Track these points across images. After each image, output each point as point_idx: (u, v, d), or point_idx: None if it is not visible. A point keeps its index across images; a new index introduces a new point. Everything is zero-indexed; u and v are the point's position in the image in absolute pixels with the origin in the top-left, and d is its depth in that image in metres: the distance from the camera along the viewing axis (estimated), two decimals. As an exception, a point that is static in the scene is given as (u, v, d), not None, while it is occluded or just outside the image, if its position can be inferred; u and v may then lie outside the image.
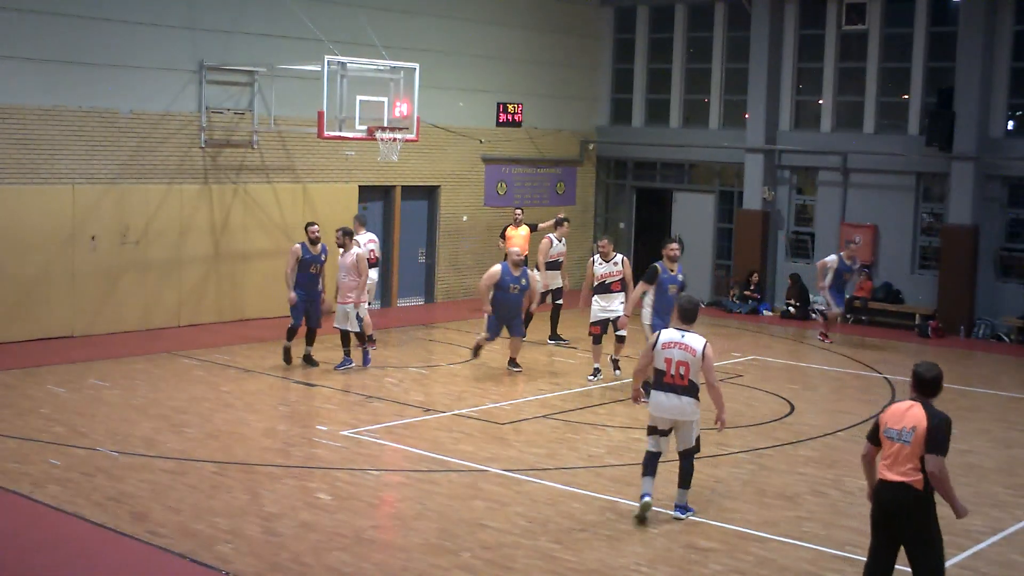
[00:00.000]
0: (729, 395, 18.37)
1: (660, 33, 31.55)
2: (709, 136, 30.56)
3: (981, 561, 11.57)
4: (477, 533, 11.66)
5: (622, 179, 32.28)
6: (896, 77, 28.25)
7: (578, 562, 10.97)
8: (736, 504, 13.06)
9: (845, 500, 13.44)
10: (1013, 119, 26.88)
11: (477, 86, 28.61)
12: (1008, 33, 26.37)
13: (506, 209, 29.40)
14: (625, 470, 14.25)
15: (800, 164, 29.29)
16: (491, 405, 17.38)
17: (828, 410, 18.51)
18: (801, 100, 29.61)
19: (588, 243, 31.92)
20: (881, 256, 28.06)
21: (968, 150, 26.29)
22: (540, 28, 30.31)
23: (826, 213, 28.84)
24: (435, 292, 28.31)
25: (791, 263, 29.30)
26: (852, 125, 28.72)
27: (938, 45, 27.56)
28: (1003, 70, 26.45)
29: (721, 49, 30.53)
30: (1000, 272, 26.54)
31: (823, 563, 11.29)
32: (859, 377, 21.31)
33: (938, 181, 27.34)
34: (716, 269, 30.58)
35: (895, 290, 27.75)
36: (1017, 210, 26.53)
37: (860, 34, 28.46)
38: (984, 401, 19.62)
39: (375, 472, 13.86)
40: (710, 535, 11.94)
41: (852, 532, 12.20)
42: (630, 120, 32.05)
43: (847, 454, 15.52)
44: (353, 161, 25.54)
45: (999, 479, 14.75)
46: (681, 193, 31.26)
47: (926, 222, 27.57)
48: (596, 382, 19.57)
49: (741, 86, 29.99)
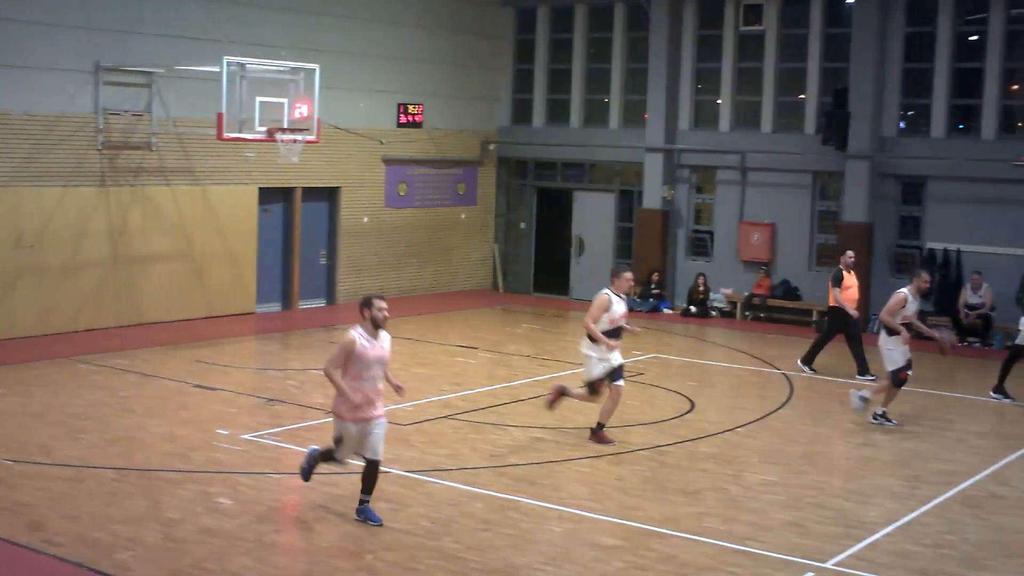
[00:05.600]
0: (630, 393, 18.57)
1: (561, 33, 31.69)
2: (609, 136, 30.76)
3: (876, 552, 11.76)
4: (380, 535, 11.64)
5: (523, 179, 32.36)
6: (793, 77, 28.65)
7: (481, 562, 11.00)
8: (638, 501, 13.16)
9: (745, 495, 13.61)
10: (906, 118, 27.40)
11: (378, 87, 28.53)
12: (900, 34, 26.88)
13: (407, 210, 29.38)
14: (527, 469, 14.32)
15: (699, 163, 29.59)
16: (393, 407, 17.27)
17: (728, 407, 18.74)
18: (700, 100, 29.91)
19: (489, 243, 32.02)
20: (779, 254, 28.43)
21: (863, 149, 26.76)
22: (441, 29, 30.30)
23: (725, 212, 29.17)
24: (336, 294, 28.18)
25: (691, 261, 29.59)
26: (750, 124, 29.08)
27: (833, 46, 28.02)
28: (895, 70, 26.96)
29: (621, 49, 30.74)
30: (894, 268, 27.05)
31: (724, 558, 11.42)
32: (758, 373, 21.58)
33: (834, 179, 27.78)
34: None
35: (793, 287, 28.15)
36: (910, 207, 27.05)
37: (757, 35, 28.83)
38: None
39: (277, 476, 13.79)
40: (613, 532, 12.03)
41: (752, 527, 12.36)
42: (531, 120, 32.16)
43: (746, 450, 15.75)
44: (253, 163, 25.33)
45: (895, 471, 15.02)
46: (581, 192, 31.43)
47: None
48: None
49: (641, 86, 30.22)
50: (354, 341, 11.83)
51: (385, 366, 12.13)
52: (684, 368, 22.16)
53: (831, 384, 20.69)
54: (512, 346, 23.25)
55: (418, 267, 30.17)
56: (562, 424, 16.63)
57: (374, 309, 11.94)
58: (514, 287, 32.00)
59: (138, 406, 17.00)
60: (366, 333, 11.92)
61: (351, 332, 11.93)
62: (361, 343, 11.83)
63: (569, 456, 15.01)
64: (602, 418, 15.61)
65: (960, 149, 26.16)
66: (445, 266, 31.04)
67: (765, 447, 15.96)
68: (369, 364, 11.87)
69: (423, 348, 22.50)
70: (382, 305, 12.03)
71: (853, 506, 13.30)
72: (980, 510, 13.40)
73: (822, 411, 18.45)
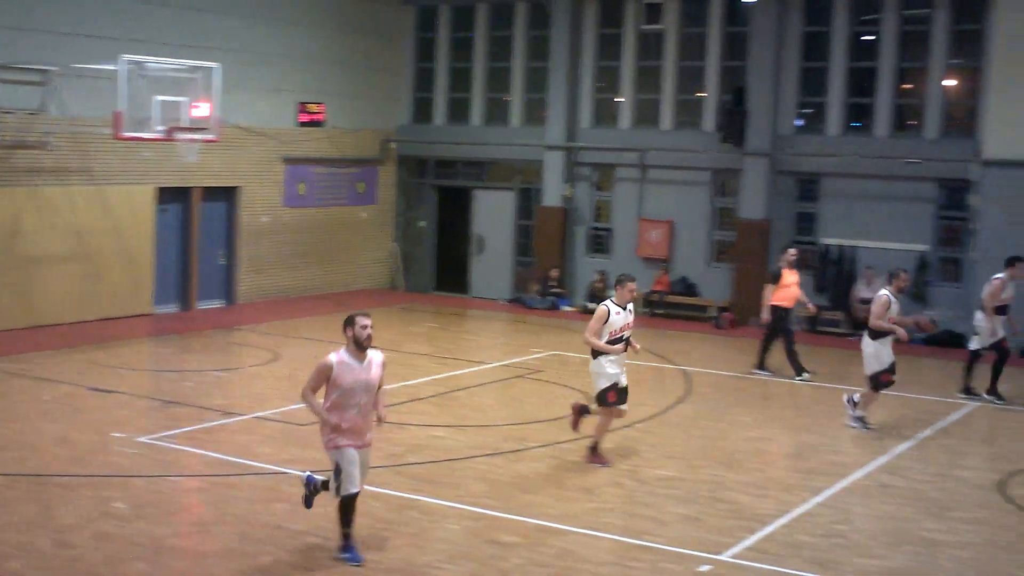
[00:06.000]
0: (529, 391, 18.71)
1: (462, 32, 31.70)
2: (510, 134, 30.83)
3: (770, 543, 11.95)
4: (278, 536, 11.59)
5: (423, 177, 32.33)
6: (692, 75, 28.94)
7: (381, 561, 10.99)
8: (537, 498, 13.24)
9: (642, 490, 13.74)
10: (802, 116, 27.79)
11: (278, 86, 28.35)
12: (797, 34, 27.29)
13: (307, 209, 29.23)
14: (426, 468, 14.33)
15: (599, 161, 29.77)
16: (293, 407, 17.22)
17: (632, 402, 18.83)
18: (600, 98, 30.09)
19: (389, 242, 31.95)
20: (677, 251, 28.71)
21: (760, 146, 27.13)
22: (342, 28, 30.16)
23: (624, 209, 29.38)
24: (236, 294, 27.95)
25: (590, 259, 29.76)
26: (649, 122, 29.32)
27: (732, 45, 28.36)
28: (793, 69, 27.35)
29: (522, 48, 30.84)
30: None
31: (622, 553, 11.53)
32: (657, 369, 21.77)
33: (732, 176, 28.10)
34: (516, 266, 30.87)
35: (691, 283, 28.45)
36: (806, 204, 27.45)
37: (657, 33, 29.06)
38: (776, 388, 20.24)
39: (174, 478, 13.67)
40: (511, 530, 12.08)
41: (649, 521, 12.49)
42: (431, 119, 32.14)
43: (644, 445, 15.90)
44: (151, 162, 25.02)
45: (789, 464, 15.25)
46: (482, 191, 31.48)
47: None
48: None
49: (542, 84, 30.35)
50: (330, 365, 10.80)
51: (376, 391, 11.08)
52: (583, 365, 22.19)
53: (729, 379, 20.96)
54: (412, 345, 23.23)
55: (318, 266, 30.01)
56: (460, 422, 16.67)
57: (356, 327, 10.83)
58: (414, 286, 31.96)
59: (32, 410, 16.72)
60: (349, 355, 10.87)
61: (330, 355, 10.90)
62: (340, 367, 10.79)
63: (468, 454, 15.05)
64: (594, 434, 14.94)
65: (855, 147, 26.61)
66: (345, 265, 30.92)
67: (663, 442, 16.12)
68: (352, 390, 10.81)
69: (323, 348, 22.27)
70: (366, 323, 10.87)
71: (749, 499, 13.49)
72: (870, 499, 13.67)
73: (720, 406, 18.66)
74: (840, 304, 26.47)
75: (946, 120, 26.32)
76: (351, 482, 10.87)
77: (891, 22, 26.45)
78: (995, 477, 14.96)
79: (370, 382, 10.94)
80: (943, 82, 26.25)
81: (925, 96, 26.40)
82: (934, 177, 25.93)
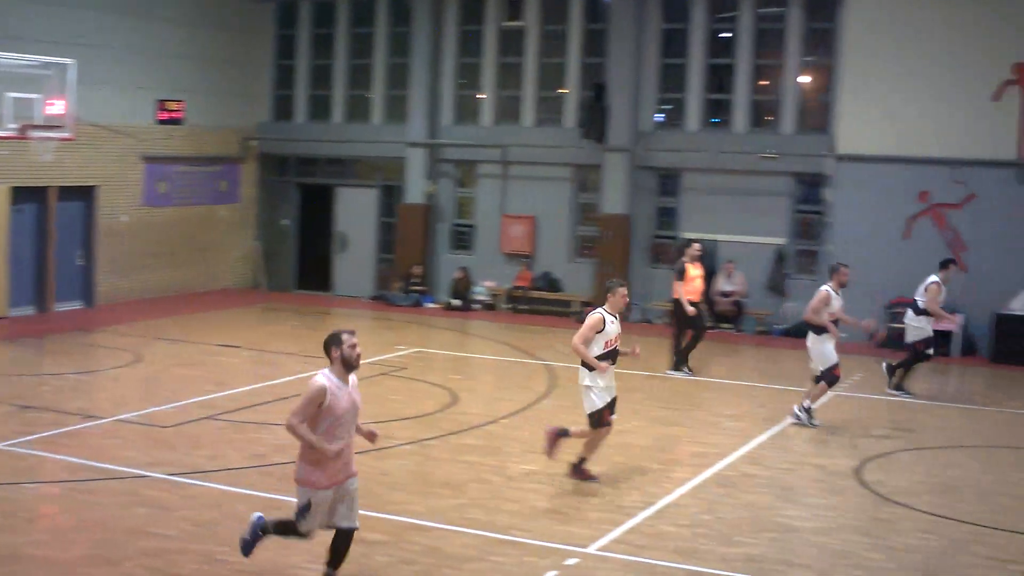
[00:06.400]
0: (393, 388, 18.69)
1: (323, 29, 31.50)
2: (372, 131, 30.72)
3: (635, 535, 12.11)
4: (140, 541, 11.41)
5: (285, 176, 32.07)
6: (553, 72, 29.13)
7: (246, 563, 10.87)
8: (401, 495, 13.23)
9: (508, 485, 13.81)
10: (662, 112, 28.14)
11: (137, 82, 27.88)
12: (656, 31, 27.64)
13: (167, 208, 28.82)
14: (292, 468, 14.19)
15: (461, 158, 29.82)
16: (154, 409, 17.02)
17: (490, 398, 18.99)
18: (462, 95, 30.15)
19: (250, 241, 31.64)
20: (540, 246, 28.88)
21: (621, 142, 27.42)
22: (201, 23, 29.77)
23: (487, 205, 29.49)
24: (95, 295, 27.42)
25: (453, 255, 29.80)
26: (512, 119, 29.45)
27: (592, 41, 28.61)
28: (652, 66, 27.69)
29: (383, 45, 30.75)
30: (652, 259, 27.79)
31: (487, 548, 11.57)
32: (520, 365, 21.89)
33: (593, 172, 28.34)
34: (379, 263, 30.78)
35: (554, 279, 28.65)
36: (666, 199, 27.83)
37: (519, 30, 29.20)
38: (640, 382, 20.46)
39: (31, 485, 13.37)
40: (376, 527, 12.04)
41: (515, 516, 12.56)
42: (292, 116, 31.89)
43: (509, 441, 15.98)
44: (4, 161, 24.42)
45: (652, 456, 15.44)
46: (344, 188, 31.32)
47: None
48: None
49: (403, 81, 30.29)
50: (324, 390, 9.68)
51: (358, 415, 10.10)
52: (447, 361, 22.34)
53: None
54: (275, 344, 23.05)
55: (179, 266, 29.60)
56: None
57: (344, 347, 9.78)
58: (277, 285, 31.69)
59: None
60: (335, 377, 9.82)
61: (319, 378, 9.76)
62: (332, 392, 9.74)
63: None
64: (582, 451, 14.20)
65: (713, 142, 27.07)
66: (206, 265, 30.54)
67: (527, 437, 16.19)
68: (344, 416, 9.83)
69: (184, 348, 22.13)
70: (354, 341, 9.84)
71: (613, 491, 13.64)
72: (733, 489, 13.91)
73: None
74: (701, 297, 26.82)
75: (802, 116, 26.88)
76: (314, 523, 10.09)
77: (747, 19, 26.94)
78: (852, 464, 15.34)
79: (357, 405, 10.00)
80: (798, 79, 26.81)
81: (781, 92, 26.93)
82: (790, 172, 26.47)
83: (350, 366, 9.82)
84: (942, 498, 13.90)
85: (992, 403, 19.82)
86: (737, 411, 18.29)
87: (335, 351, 9.83)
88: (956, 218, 24.75)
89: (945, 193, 24.80)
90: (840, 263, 18.33)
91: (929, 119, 24.85)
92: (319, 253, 31.64)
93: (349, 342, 9.80)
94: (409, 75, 29.99)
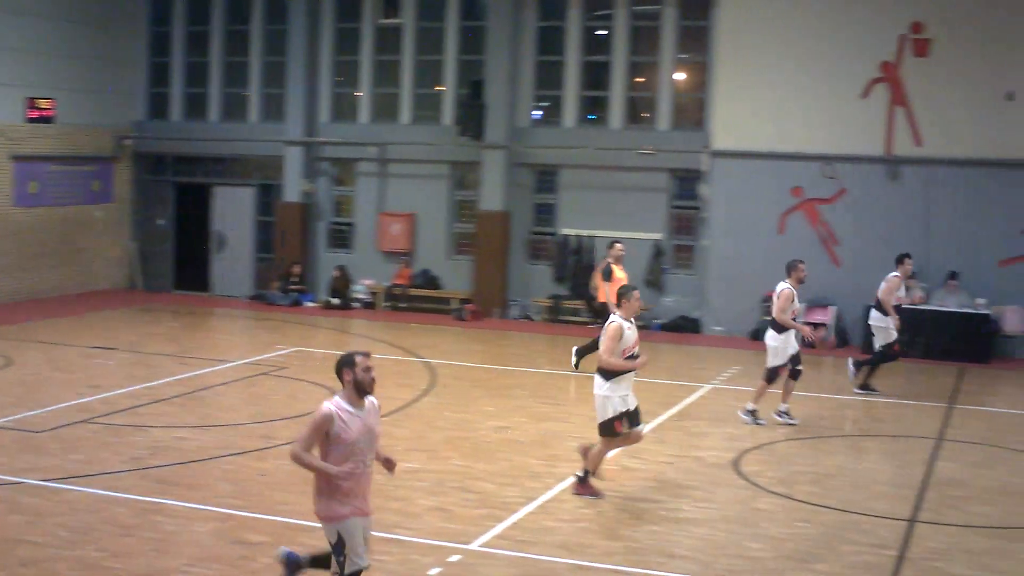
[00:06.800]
0: (273, 388, 18.55)
1: (198, 26, 31.09)
2: (249, 130, 30.44)
3: (518, 530, 12.16)
4: (15, 550, 11.16)
5: (161, 175, 31.60)
6: (431, 69, 29.10)
7: (126, 568, 10.73)
8: (284, 496, 13.12)
9: (390, 483, 13.67)
10: (539, 109, 28.29)
11: (4, 80, 27.24)
12: (533, 28, 27.78)
13: (38, 209, 28.25)
14: (171, 470, 14.06)
15: (339, 156, 29.69)
16: (27, 413, 16.66)
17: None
18: (340, 93, 30.00)
19: (126, 241, 31.16)
20: (419, 244, 28.86)
21: (498, 139, 27.49)
22: (72, 19, 29.18)
23: (365, 203, 29.39)
24: (-36, 298, 26.85)
25: (332, 254, 29.66)
26: (389, 117, 29.38)
27: (469, 39, 28.62)
28: (529, 63, 27.83)
29: (259, 42, 30.46)
30: (530, 255, 27.94)
31: (372, 547, 11.49)
32: (400, 363, 21.85)
33: (471, 169, 28.39)
34: (258, 263, 30.51)
35: (433, 276, 28.65)
36: (544, 195, 27.98)
37: (396, 27, 29.14)
38: (521, 379, 20.55)
39: (-100, 493, 13.05)
40: (259, 529, 11.96)
41: (398, 514, 12.52)
42: (168, 115, 31.47)
43: (391, 439, 15.86)
44: None
45: (534, 452, 15.52)
46: (221, 187, 30.98)
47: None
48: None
49: (281, 79, 30.04)
50: (330, 417, 8.88)
51: (376, 442, 9.24)
52: (327, 361, 22.14)
53: (473, 370, 21.19)
54: (153, 345, 22.73)
55: (52, 268, 29.01)
56: (205, 422, 16.43)
57: (358, 369, 8.99)
58: (154, 285, 31.21)
59: None
60: (347, 403, 9.00)
61: (326, 405, 8.97)
62: (340, 419, 8.93)
63: (213, 454, 14.82)
64: (588, 466, 13.64)
65: (590, 139, 27.25)
66: (81, 266, 29.99)
67: (409, 435, 16.18)
68: (355, 444, 8.96)
69: (59, 351, 21.73)
70: (369, 364, 9.05)
71: (496, 488, 13.68)
72: (614, 483, 14.01)
73: (465, 397, 18.87)
74: (580, 293, 27.03)
75: (677, 112, 27.19)
76: (358, 555, 9.13)
77: (623, 17, 27.17)
78: (730, 456, 15.56)
79: (373, 432, 9.13)
80: (673, 76, 27.12)
81: (657, 89, 27.20)
82: (667, 168, 26.77)
83: (363, 391, 9.03)
84: (818, 487, 14.18)
85: (864, 393, 20.18)
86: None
87: (347, 374, 9.02)
88: (828, 213, 25.24)
89: (817, 188, 25.28)
90: (797, 260, 18.04)
91: (801, 116, 25.31)
92: (197, 253, 31.26)
93: (363, 365, 9.00)
94: (286, 73, 29.76)
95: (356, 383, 9.00)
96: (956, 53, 24.45)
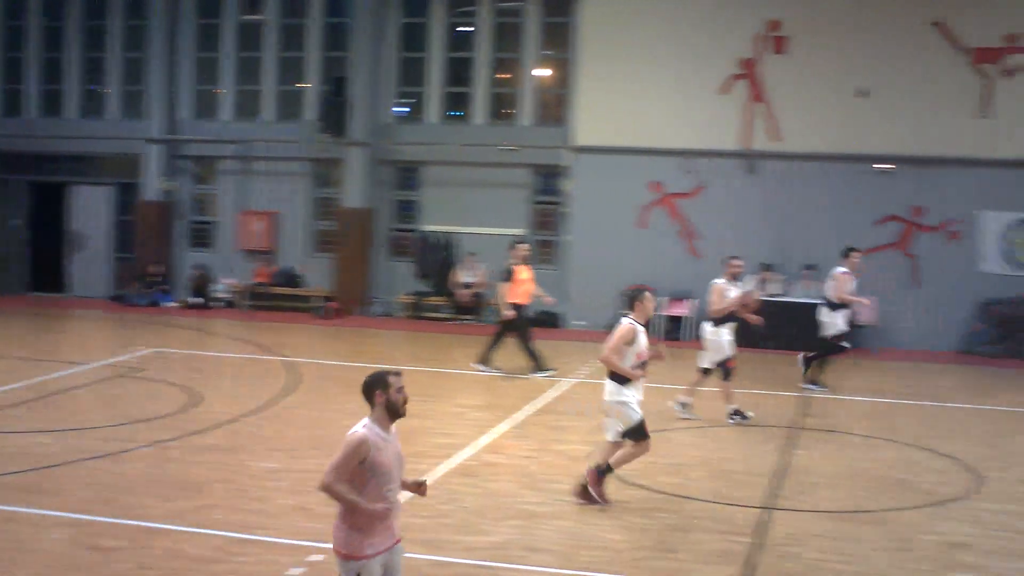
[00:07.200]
0: (132, 390, 18.27)
1: (53, 21, 30.52)
2: (108, 127, 30.00)
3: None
4: None
5: (15, 173, 30.94)
6: (293, 66, 28.95)
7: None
8: (140, 499, 12.92)
9: (250, 484, 13.66)
10: (403, 106, 28.27)
11: None
12: (397, 25, 27.82)
13: None
14: (25, 476, 13.77)
15: (201, 153, 29.39)
16: None
17: (232, 396, 18.73)
18: (201, 89, 29.68)
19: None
20: (281, 242, 28.68)
21: (361, 136, 27.45)
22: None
23: (226, 202, 29.15)
24: None
25: (193, 253, 29.34)
26: (251, 114, 29.14)
27: (332, 36, 28.53)
28: (393, 60, 27.84)
29: (118, 38, 30.00)
30: (392, 252, 27.92)
31: (230, 548, 11.41)
32: (259, 361, 21.70)
33: (333, 167, 28.27)
34: (117, 262, 30.05)
35: (294, 275, 28.51)
36: (406, 192, 28.00)
37: (258, 24, 28.89)
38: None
39: None
40: (115, 534, 11.76)
41: (258, 515, 12.42)
42: (22, 111, 30.82)
43: (251, 439, 15.80)
44: None
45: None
46: (79, 186, 30.44)
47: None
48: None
49: (140, 76, 29.62)
50: (366, 443, 7.96)
51: (403, 469, 8.31)
52: (187, 360, 21.95)
53: (334, 368, 21.13)
54: (5, 348, 22.26)
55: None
56: (60, 426, 16.13)
57: (392, 391, 8.13)
58: (7, 287, 30.55)
59: None
60: (377, 426, 8.10)
61: (360, 430, 8.03)
62: (375, 444, 8.01)
63: (69, 459, 14.55)
64: (614, 463, 13.22)
65: (453, 135, 27.35)
66: (-69, 268, 29.30)
67: (270, 435, 16.06)
68: (389, 470, 8.07)
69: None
70: (401, 384, 8.19)
71: (356, 486, 13.61)
72: (476, 478, 14.07)
73: (326, 396, 18.80)
74: (442, 289, 27.09)
75: (540, 109, 27.38)
76: None
77: (486, 14, 27.31)
78: (592, 449, 15.68)
79: (401, 456, 8.27)
80: (536, 72, 27.30)
81: (520, 86, 27.36)
82: (529, 164, 26.97)
83: (396, 413, 8.15)
84: (676, 477, 14.37)
85: (814, 389, 20.45)
86: (479, 401, 18.50)
87: (379, 396, 8.15)
88: (688, 207, 25.60)
89: (677, 183, 25.63)
90: (731, 256, 18.24)
91: (661, 111, 25.66)
92: (52, 253, 30.66)
93: (396, 385, 8.14)
94: (146, 69, 29.34)
95: (389, 405, 8.15)
96: (812, 50, 24.98)
